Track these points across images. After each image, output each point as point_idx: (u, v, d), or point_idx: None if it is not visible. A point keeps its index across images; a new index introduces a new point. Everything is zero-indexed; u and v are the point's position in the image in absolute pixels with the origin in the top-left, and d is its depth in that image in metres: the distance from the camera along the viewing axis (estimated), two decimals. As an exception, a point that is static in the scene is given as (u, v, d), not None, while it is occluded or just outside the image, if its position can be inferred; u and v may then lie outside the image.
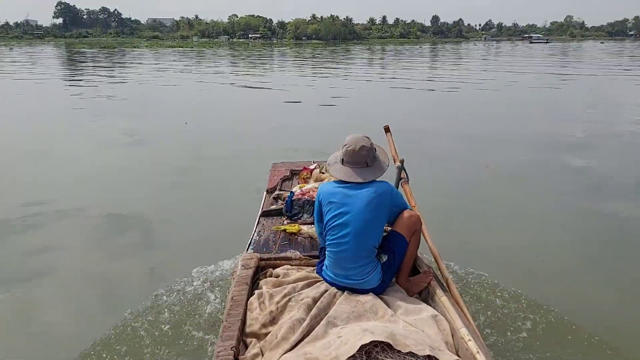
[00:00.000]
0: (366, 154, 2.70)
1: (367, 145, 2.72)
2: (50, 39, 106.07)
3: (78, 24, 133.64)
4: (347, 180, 2.69)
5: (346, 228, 2.57)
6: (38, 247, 4.66)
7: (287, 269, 2.89)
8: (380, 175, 2.73)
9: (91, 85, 19.00)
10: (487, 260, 4.23)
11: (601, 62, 35.33)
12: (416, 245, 2.77)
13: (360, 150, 2.69)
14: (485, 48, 72.82)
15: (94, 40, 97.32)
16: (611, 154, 8.45)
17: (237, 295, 2.59)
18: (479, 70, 28.51)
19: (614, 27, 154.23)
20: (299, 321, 2.33)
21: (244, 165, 7.49)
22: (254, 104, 14.58)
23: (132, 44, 77.54)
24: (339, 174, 2.72)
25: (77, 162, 7.77)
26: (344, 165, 2.73)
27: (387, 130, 3.73)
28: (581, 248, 4.85)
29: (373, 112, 12.63)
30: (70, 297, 3.89)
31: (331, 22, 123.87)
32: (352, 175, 2.69)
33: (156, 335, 3.11)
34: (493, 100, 15.63)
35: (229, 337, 2.26)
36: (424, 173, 6.78)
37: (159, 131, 10.33)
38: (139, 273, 4.21)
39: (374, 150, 2.76)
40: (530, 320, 3.29)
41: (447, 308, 2.42)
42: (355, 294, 2.56)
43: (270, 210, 3.87)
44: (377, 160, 2.76)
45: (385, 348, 2.07)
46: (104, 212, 5.55)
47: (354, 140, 2.72)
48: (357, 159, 2.69)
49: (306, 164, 4.75)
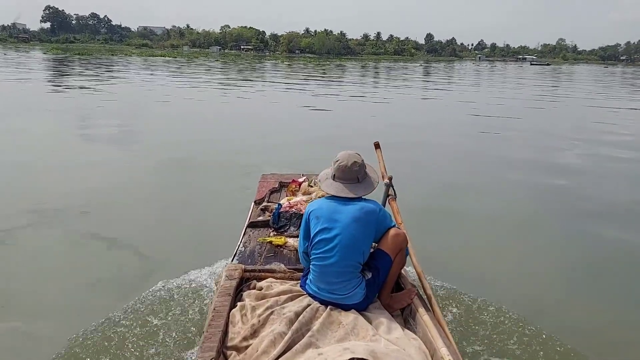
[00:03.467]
0: (357, 170, 2.75)
1: (359, 161, 2.77)
2: (35, 43, 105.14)
3: (66, 29, 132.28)
4: (338, 196, 2.72)
5: (333, 242, 2.59)
6: (19, 252, 4.59)
7: (270, 282, 2.88)
8: (370, 191, 2.77)
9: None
10: (471, 278, 4.25)
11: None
12: (401, 263, 2.79)
13: (352, 166, 2.73)
14: (488, 69, 71.78)
15: (80, 46, 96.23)
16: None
17: (220, 306, 2.58)
18: (529, 97, 24.61)
19: (606, 51, 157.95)
20: (280, 335, 2.33)
21: (232, 176, 7.47)
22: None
23: (112, 51, 74.92)
24: (330, 189, 2.76)
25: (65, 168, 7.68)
26: (335, 180, 2.77)
27: (377, 147, 3.76)
28: (571, 267, 4.92)
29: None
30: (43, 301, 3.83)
31: (325, 36, 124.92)
32: (343, 190, 2.72)
33: (134, 344, 3.06)
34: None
35: (209, 348, 2.24)
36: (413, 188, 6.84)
37: (145, 141, 10.28)
38: (122, 279, 4.15)
39: (364, 166, 2.81)
40: (514, 338, 3.30)
41: (428, 327, 2.43)
42: (337, 309, 2.56)
43: (257, 222, 3.87)
44: (367, 176, 2.81)
45: (367, 365, 2.07)
46: (91, 219, 5.50)
47: (346, 157, 2.77)
48: (348, 175, 2.73)
49: (295, 177, 4.75)
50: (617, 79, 52.33)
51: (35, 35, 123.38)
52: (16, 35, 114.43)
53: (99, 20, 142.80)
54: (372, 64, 74.32)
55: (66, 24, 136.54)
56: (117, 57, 57.45)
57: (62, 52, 61.74)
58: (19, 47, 79.05)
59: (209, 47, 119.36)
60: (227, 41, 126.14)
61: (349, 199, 2.70)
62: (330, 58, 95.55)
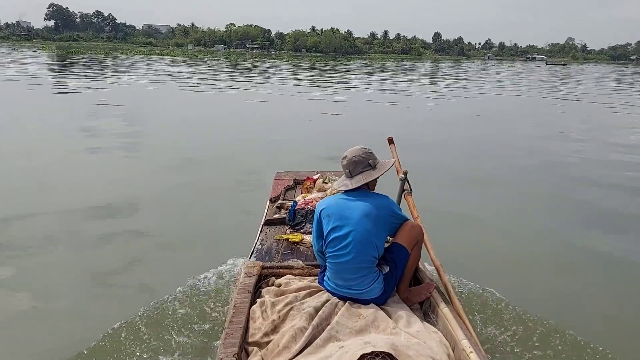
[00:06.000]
0: (359, 161, 2.77)
1: (360, 154, 2.79)
2: (38, 41, 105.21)
3: (70, 27, 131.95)
4: (343, 189, 2.78)
5: (346, 239, 2.60)
6: (22, 256, 4.60)
7: (289, 278, 2.91)
8: (370, 179, 2.77)
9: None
10: (493, 275, 4.26)
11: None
12: (417, 257, 2.81)
13: (353, 158, 2.78)
14: (506, 69, 67.18)
15: (84, 44, 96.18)
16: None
17: (240, 302, 2.60)
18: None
19: (616, 50, 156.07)
20: (301, 330, 2.35)
21: (247, 174, 7.51)
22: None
23: (115, 50, 73.40)
24: (337, 185, 2.85)
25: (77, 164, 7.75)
26: (343, 176, 2.86)
27: (390, 142, 3.77)
28: (596, 264, 4.89)
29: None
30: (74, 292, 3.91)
31: (332, 35, 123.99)
32: (345, 182, 2.80)
33: (158, 340, 3.11)
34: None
35: (231, 344, 2.26)
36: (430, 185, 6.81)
37: (158, 139, 10.31)
38: (140, 280, 4.19)
39: (369, 159, 2.80)
40: (535, 336, 3.28)
41: (448, 319, 2.44)
42: (356, 304, 2.58)
43: (273, 219, 3.89)
44: (370, 168, 2.80)
45: (387, 358, 2.09)
46: (104, 213, 5.57)
47: (349, 151, 2.83)
48: (352, 168, 2.78)
49: (310, 174, 4.78)
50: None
51: (38, 33, 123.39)
52: (19, 33, 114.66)
53: (104, 18, 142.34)
54: (390, 63, 70.89)
55: (70, 22, 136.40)
56: (111, 56, 54.71)
57: (53, 50, 60.30)
58: (22, 45, 78.85)
59: (214, 46, 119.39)
60: (233, 40, 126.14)
61: (359, 195, 2.72)
62: (337, 57, 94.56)
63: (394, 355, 2.08)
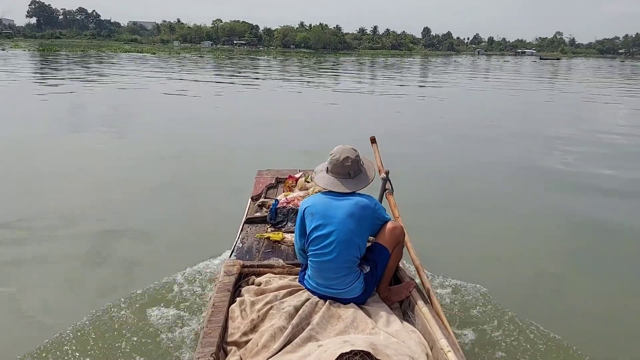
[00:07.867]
0: (350, 165, 2.74)
1: (352, 156, 2.76)
2: (19, 38, 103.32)
3: (53, 24, 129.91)
4: (329, 190, 2.73)
5: (329, 238, 2.59)
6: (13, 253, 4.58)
7: (269, 277, 2.89)
8: (363, 187, 2.77)
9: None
10: (472, 272, 4.27)
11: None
12: (398, 257, 2.80)
13: (344, 161, 2.73)
14: (500, 64, 66.90)
15: (66, 41, 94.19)
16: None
17: (219, 301, 2.58)
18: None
19: (604, 44, 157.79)
20: (280, 329, 2.34)
21: (228, 172, 7.46)
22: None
23: (81, 47, 70.37)
24: (322, 182, 2.78)
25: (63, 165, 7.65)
26: (328, 173, 2.78)
27: (373, 141, 3.77)
28: (577, 261, 4.95)
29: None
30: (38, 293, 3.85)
31: (320, 30, 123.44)
32: (334, 184, 2.73)
33: (131, 340, 3.07)
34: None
35: (209, 343, 2.24)
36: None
37: (143, 138, 10.22)
38: (118, 276, 4.15)
39: (359, 162, 2.80)
40: (514, 335, 3.30)
41: (427, 319, 2.45)
42: (336, 303, 2.58)
43: (255, 218, 3.87)
44: (361, 172, 2.80)
45: (366, 357, 2.09)
46: (86, 215, 5.50)
47: (340, 151, 2.77)
48: (340, 170, 2.74)
49: (292, 172, 4.75)
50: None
51: (20, 30, 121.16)
52: (0, 31, 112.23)
53: (87, 15, 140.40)
54: (381, 59, 70.72)
55: (53, 19, 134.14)
56: (87, 53, 51.25)
57: (24, 49, 57.19)
58: (1, 44, 76.46)
59: (201, 42, 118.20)
60: (220, 36, 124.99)
61: (343, 194, 2.70)
62: (326, 53, 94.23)
63: (373, 354, 2.08)
